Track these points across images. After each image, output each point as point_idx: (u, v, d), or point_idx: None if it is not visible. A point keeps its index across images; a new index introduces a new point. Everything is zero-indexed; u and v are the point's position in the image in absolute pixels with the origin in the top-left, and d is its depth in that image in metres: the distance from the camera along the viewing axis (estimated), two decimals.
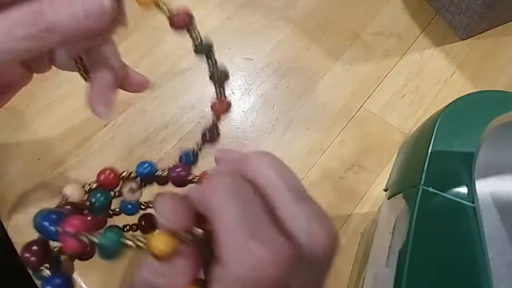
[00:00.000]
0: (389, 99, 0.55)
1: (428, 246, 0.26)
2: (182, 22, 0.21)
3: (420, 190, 0.28)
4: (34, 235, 0.48)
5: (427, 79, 0.57)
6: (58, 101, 0.51)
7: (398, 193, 0.32)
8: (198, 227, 0.17)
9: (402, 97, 0.56)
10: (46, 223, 0.17)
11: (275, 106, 0.54)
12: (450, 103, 0.32)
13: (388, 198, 0.35)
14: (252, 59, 0.57)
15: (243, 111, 0.54)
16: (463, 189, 0.27)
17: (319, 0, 0.62)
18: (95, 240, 0.15)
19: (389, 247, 0.31)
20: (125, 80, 0.27)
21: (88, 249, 0.16)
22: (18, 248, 0.44)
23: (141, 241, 0.15)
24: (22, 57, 0.19)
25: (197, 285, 0.16)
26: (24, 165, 0.48)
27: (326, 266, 0.18)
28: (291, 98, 0.55)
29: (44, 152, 0.48)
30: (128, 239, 0.15)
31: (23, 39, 0.18)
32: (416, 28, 0.61)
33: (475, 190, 0.27)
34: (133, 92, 0.28)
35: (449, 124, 0.31)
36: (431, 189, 0.28)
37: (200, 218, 0.18)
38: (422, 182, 0.28)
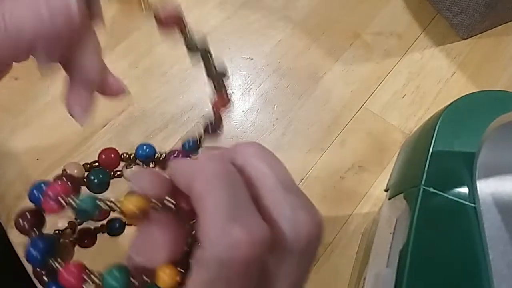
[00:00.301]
0: (389, 99, 0.55)
1: (429, 247, 0.26)
2: (171, 20, 0.20)
3: (421, 190, 0.28)
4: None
5: (428, 79, 0.57)
6: (57, 101, 0.51)
7: (399, 193, 0.32)
8: (180, 207, 0.18)
9: (403, 97, 0.55)
10: (34, 190, 0.18)
11: (275, 106, 0.54)
12: (451, 103, 0.32)
13: (389, 199, 0.35)
14: (252, 59, 0.57)
15: (243, 111, 0.53)
16: (464, 190, 0.27)
17: (319, 0, 0.62)
18: (72, 202, 0.17)
19: (390, 247, 0.31)
20: (102, 84, 0.26)
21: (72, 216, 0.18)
22: (18, 248, 0.44)
23: (114, 204, 0.16)
24: None
25: (175, 266, 0.17)
26: (23, 165, 0.48)
27: (311, 255, 0.18)
28: (291, 98, 0.55)
29: (43, 152, 0.48)
30: (102, 201, 0.16)
31: None
32: (416, 28, 0.60)
33: (476, 191, 0.27)
34: (107, 97, 0.27)
35: (450, 124, 0.31)
36: (432, 190, 0.27)
37: (183, 199, 0.18)
38: (423, 182, 0.28)
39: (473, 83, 0.56)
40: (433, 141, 0.30)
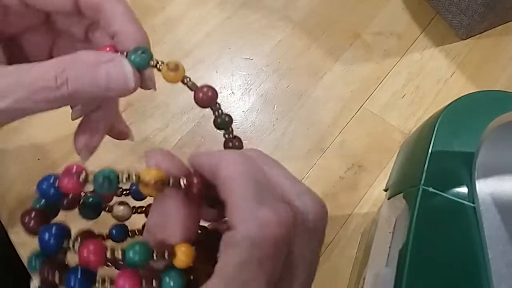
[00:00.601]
0: (389, 99, 0.55)
1: (428, 246, 0.26)
2: (207, 97, 0.22)
3: (420, 190, 0.28)
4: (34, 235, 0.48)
5: (427, 79, 0.57)
6: None
7: (398, 193, 0.32)
8: (191, 185, 0.19)
9: (402, 97, 0.56)
10: (44, 182, 0.19)
11: (275, 106, 0.54)
12: (450, 103, 0.32)
13: (388, 198, 0.35)
14: (252, 59, 0.57)
15: (243, 111, 0.54)
16: (463, 189, 0.27)
17: (319, 0, 0.62)
18: (91, 176, 0.18)
19: (389, 247, 0.31)
20: (114, 130, 0.27)
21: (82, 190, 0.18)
22: (18, 248, 0.44)
23: (134, 178, 0.18)
24: (32, 114, 0.19)
25: (191, 244, 0.18)
26: (24, 165, 0.48)
27: (321, 235, 0.20)
28: (291, 98, 0.55)
29: (44, 152, 0.48)
30: (123, 174, 0.18)
31: (42, 102, 0.19)
32: (416, 28, 0.61)
33: (475, 190, 0.27)
34: (113, 137, 0.28)
35: (449, 124, 0.31)
36: (431, 189, 0.28)
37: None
38: (422, 182, 0.28)
39: (473, 83, 0.57)
40: (432, 141, 0.30)
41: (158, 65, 0.21)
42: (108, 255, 0.17)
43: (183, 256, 0.18)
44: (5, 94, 0.18)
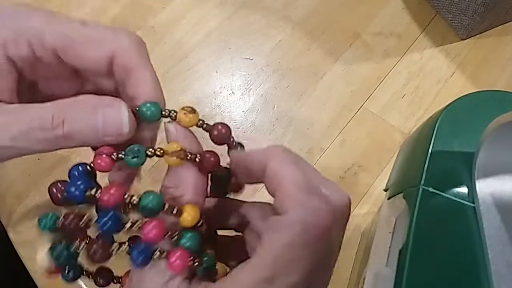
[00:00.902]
0: (389, 99, 0.55)
1: (428, 246, 0.26)
2: (223, 135, 0.24)
3: (420, 190, 0.28)
4: (34, 235, 0.49)
5: (427, 79, 0.57)
6: None
7: (398, 193, 0.32)
8: (205, 158, 0.22)
9: (402, 97, 0.56)
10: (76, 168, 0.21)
11: (275, 106, 0.54)
12: (450, 103, 0.32)
13: (388, 198, 0.35)
14: (252, 59, 0.57)
15: (243, 111, 0.54)
16: (463, 189, 0.27)
17: (319, 0, 0.62)
18: (122, 156, 0.20)
19: (389, 247, 0.31)
20: None
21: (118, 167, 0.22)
22: (18, 248, 0.44)
23: (159, 151, 0.21)
24: (27, 154, 0.20)
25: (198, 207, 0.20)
26: (24, 165, 0.48)
27: (345, 224, 0.21)
28: (291, 98, 0.55)
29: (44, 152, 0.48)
30: (150, 151, 0.20)
31: (38, 142, 0.19)
32: (416, 28, 0.60)
33: (475, 190, 0.27)
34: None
35: (449, 124, 0.31)
36: (431, 189, 0.28)
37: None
38: (422, 182, 0.28)
39: (473, 83, 0.57)
40: (432, 141, 0.30)
41: (171, 113, 0.23)
42: (126, 200, 0.19)
43: (189, 216, 0.20)
44: (0, 130, 0.19)
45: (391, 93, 0.56)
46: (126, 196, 0.19)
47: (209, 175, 0.24)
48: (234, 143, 0.24)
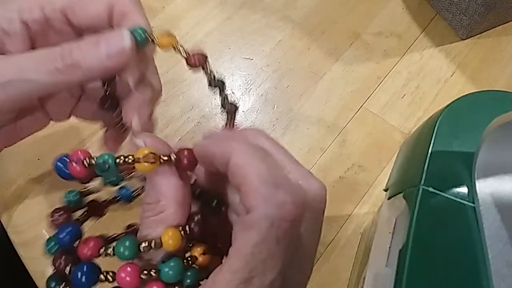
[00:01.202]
0: (389, 99, 0.55)
1: (428, 246, 0.26)
2: (198, 62, 0.26)
3: (420, 190, 0.28)
4: (34, 235, 0.49)
5: (427, 79, 0.57)
6: None
7: (398, 193, 0.32)
8: (180, 159, 0.21)
9: (402, 97, 0.56)
10: (58, 162, 0.21)
11: (275, 106, 0.54)
12: (450, 103, 0.32)
13: (388, 198, 0.35)
14: (252, 59, 0.57)
15: (243, 111, 0.54)
16: (463, 189, 0.27)
17: (319, 0, 0.62)
18: (93, 161, 0.20)
19: (389, 247, 0.31)
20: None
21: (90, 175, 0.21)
22: (18, 248, 0.44)
23: (130, 158, 0.20)
24: (44, 92, 0.22)
25: (182, 232, 0.20)
26: (24, 165, 0.48)
27: (321, 215, 0.21)
28: (291, 98, 0.55)
29: (44, 152, 0.48)
30: (119, 158, 0.20)
31: (48, 73, 0.21)
32: (416, 28, 0.61)
33: (475, 190, 0.27)
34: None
35: (449, 124, 0.31)
36: (431, 189, 0.28)
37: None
38: (422, 182, 0.28)
39: (473, 83, 0.57)
40: (432, 141, 0.30)
41: (153, 39, 0.24)
42: (101, 251, 0.19)
43: (170, 239, 0.19)
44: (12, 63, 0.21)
45: (391, 93, 0.56)
46: (102, 251, 0.20)
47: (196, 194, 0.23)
48: (213, 79, 0.26)
